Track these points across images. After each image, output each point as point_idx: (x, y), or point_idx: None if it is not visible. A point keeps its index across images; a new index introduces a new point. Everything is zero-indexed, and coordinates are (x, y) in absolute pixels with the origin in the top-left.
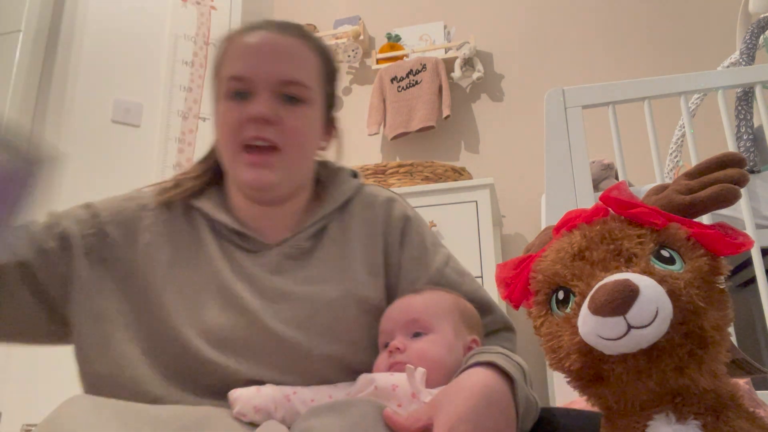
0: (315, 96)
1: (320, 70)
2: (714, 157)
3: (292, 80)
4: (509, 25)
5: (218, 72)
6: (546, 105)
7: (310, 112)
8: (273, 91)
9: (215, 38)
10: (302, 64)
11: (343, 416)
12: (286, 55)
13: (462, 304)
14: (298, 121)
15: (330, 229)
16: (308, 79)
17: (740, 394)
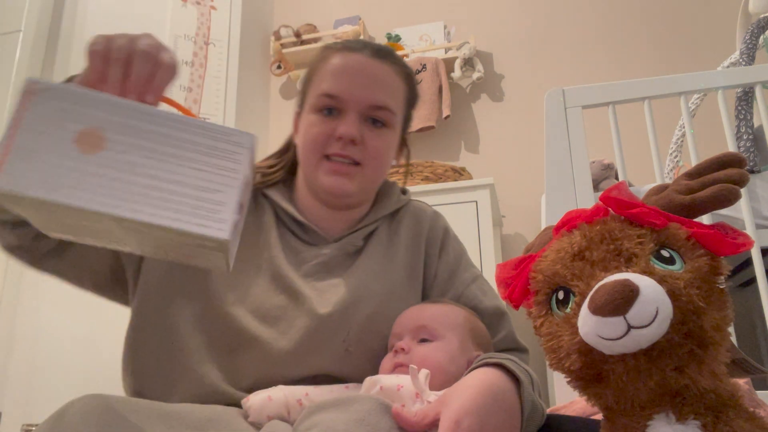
0: (397, 120)
1: (405, 96)
2: (714, 157)
3: (381, 106)
4: (509, 25)
5: (310, 83)
6: (546, 105)
7: (392, 135)
8: (361, 113)
9: (215, 38)
10: (391, 91)
11: (347, 411)
12: (379, 81)
13: (473, 321)
14: (381, 143)
15: (379, 232)
16: (395, 106)
17: (740, 394)
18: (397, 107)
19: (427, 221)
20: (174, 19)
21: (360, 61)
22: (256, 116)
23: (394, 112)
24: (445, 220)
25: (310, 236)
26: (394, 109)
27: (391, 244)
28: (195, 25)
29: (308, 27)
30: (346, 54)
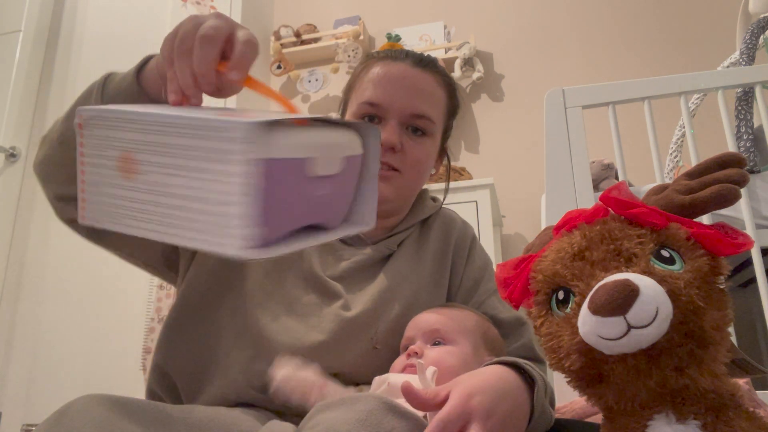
0: (437, 130)
1: (446, 105)
2: (714, 157)
3: (422, 114)
4: (509, 25)
5: (351, 91)
6: (546, 105)
7: (431, 144)
8: (401, 121)
9: None
10: (432, 101)
11: (349, 411)
12: (420, 90)
13: (486, 326)
14: (420, 152)
15: (410, 238)
16: (435, 115)
17: (740, 394)
18: (437, 117)
19: (456, 230)
20: (174, 19)
21: (401, 69)
22: None
23: (434, 122)
24: (472, 230)
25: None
26: (434, 118)
27: (420, 249)
28: None
29: (308, 27)
30: (388, 63)
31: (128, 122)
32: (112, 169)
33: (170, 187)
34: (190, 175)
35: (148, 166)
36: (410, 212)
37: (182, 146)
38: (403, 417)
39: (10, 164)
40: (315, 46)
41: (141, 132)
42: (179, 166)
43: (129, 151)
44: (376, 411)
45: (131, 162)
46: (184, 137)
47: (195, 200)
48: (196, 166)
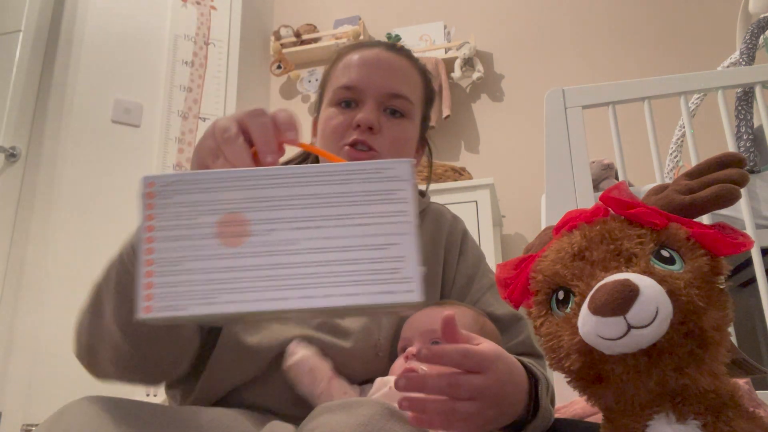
0: (416, 113)
1: (422, 90)
2: (714, 157)
3: (398, 94)
4: (509, 25)
5: (326, 83)
6: (546, 105)
7: (410, 126)
8: (379, 102)
9: (215, 38)
10: (409, 81)
11: (351, 415)
12: (395, 70)
13: (483, 321)
14: (399, 132)
15: None
16: (412, 96)
17: (740, 394)
18: (415, 98)
19: (446, 225)
20: (174, 19)
21: (375, 53)
22: None
23: (413, 102)
24: (463, 223)
25: None
26: (412, 99)
27: None
28: (195, 25)
29: (308, 27)
30: (361, 50)
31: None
32: (205, 238)
33: (299, 242)
34: (339, 223)
35: (264, 225)
36: None
37: (330, 194)
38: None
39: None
40: (315, 46)
41: (253, 189)
42: (321, 216)
43: (233, 214)
44: (377, 416)
45: (238, 224)
46: (333, 184)
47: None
48: (348, 212)
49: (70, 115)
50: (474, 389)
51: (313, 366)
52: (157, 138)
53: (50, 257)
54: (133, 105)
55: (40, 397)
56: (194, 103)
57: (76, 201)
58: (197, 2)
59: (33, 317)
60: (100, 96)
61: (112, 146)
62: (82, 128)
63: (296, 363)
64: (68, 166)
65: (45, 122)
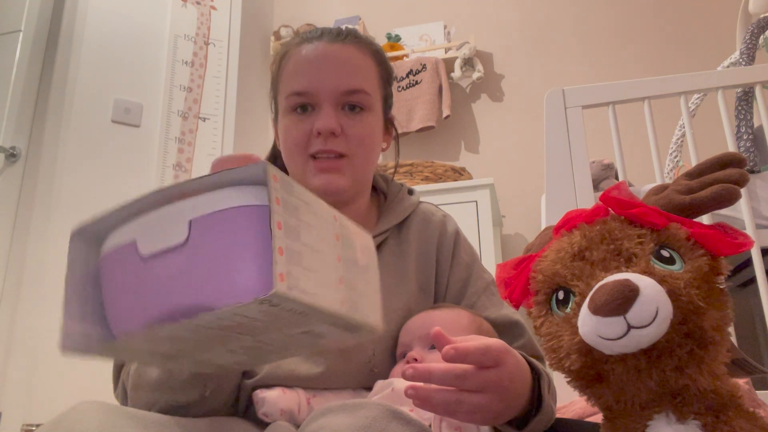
0: (375, 101)
1: (378, 73)
2: (714, 157)
3: (354, 89)
4: (509, 25)
5: (277, 87)
6: (546, 105)
7: (373, 118)
8: (336, 102)
9: (215, 38)
10: (362, 72)
11: (354, 417)
12: (346, 64)
13: (479, 322)
14: (363, 129)
15: (389, 243)
16: (369, 86)
17: (740, 394)
18: (371, 88)
19: (436, 227)
20: (174, 19)
21: (321, 49)
22: (256, 116)
23: (370, 93)
24: (454, 223)
25: None
26: (368, 90)
27: (402, 254)
28: (195, 25)
29: (308, 27)
30: (304, 46)
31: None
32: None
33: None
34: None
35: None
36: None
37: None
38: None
39: (10, 164)
40: None
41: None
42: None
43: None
44: (380, 418)
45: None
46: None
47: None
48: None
49: (70, 115)
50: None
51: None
52: (157, 138)
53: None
54: (133, 105)
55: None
56: (194, 103)
57: (76, 201)
58: (197, 2)
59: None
60: (100, 96)
61: (112, 146)
62: (82, 128)
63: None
64: (68, 166)
65: (45, 122)
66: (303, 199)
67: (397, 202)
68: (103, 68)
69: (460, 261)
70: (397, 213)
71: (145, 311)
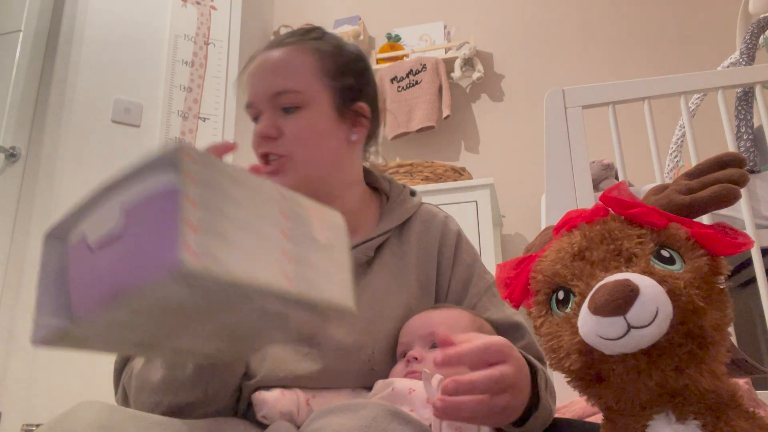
0: (313, 96)
1: (319, 67)
2: (714, 157)
3: (280, 91)
4: (509, 25)
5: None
6: (546, 105)
7: (311, 113)
8: (272, 107)
9: (215, 38)
10: (291, 71)
11: (354, 417)
12: (274, 68)
13: (480, 322)
14: (297, 126)
15: (390, 243)
16: (299, 84)
17: (740, 394)
18: (302, 84)
19: (438, 228)
20: (174, 19)
21: (260, 60)
22: None
23: (301, 90)
24: (456, 224)
25: None
26: (297, 87)
27: (402, 254)
28: (195, 25)
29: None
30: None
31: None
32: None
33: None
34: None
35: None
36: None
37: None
38: (408, 423)
39: (10, 164)
40: None
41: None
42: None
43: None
44: (380, 417)
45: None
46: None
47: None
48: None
49: (71, 115)
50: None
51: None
52: (157, 138)
53: None
54: (133, 105)
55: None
56: (194, 103)
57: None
58: (197, 2)
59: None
60: (100, 96)
61: (112, 146)
62: (82, 128)
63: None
64: (68, 166)
65: (45, 122)
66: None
67: (399, 203)
68: (103, 68)
69: (462, 261)
70: (399, 214)
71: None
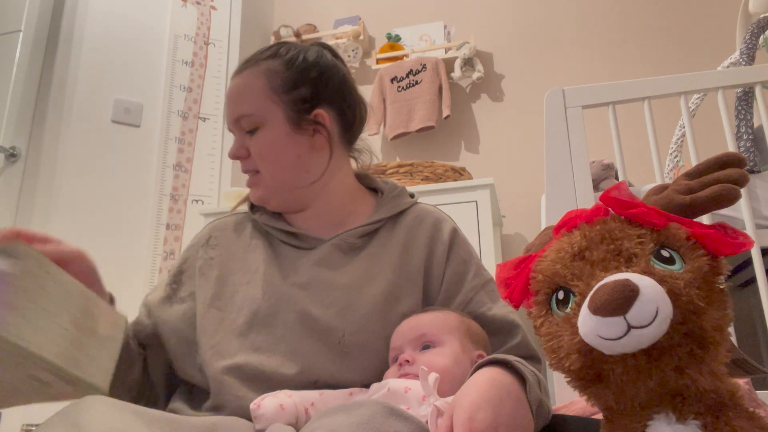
0: (266, 116)
1: (268, 87)
2: (714, 157)
3: (238, 117)
4: (509, 25)
5: None
6: (546, 105)
7: (267, 132)
8: (238, 130)
9: (215, 38)
10: (244, 97)
11: (352, 415)
12: (233, 97)
13: (468, 322)
14: (259, 145)
15: (380, 233)
16: (252, 107)
17: (740, 394)
18: (254, 107)
19: (430, 222)
20: (174, 19)
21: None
22: None
23: (252, 113)
24: (452, 222)
25: (306, 242)
26: (250, 111)
27: (388, 245)
28: (195, 25)
29: (308, 27)
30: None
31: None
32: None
33: None
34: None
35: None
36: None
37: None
38: (405, 420)
39: (10, 164)
40: None
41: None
42: None
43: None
44: (377, 414)
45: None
46: None
47: None
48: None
49: (70, 115)
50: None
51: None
52: (157, 138)
53: None
54: (133, 105)
55: None
56: (194, 103)
57: (76, 201)
58: (197, 2)
59: None
60: (100, 96)
61: (112, 146)
62: (82, 128)
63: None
64: (68, 166)
65: (45, 122)
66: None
67: (393, 197)
68: (103, 68)
69: (457, 256)
70: (392, 206)
71: None
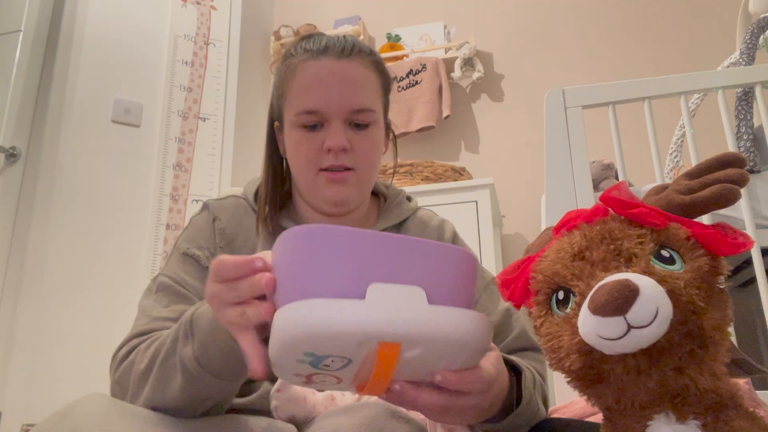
0: (379, 116)
1: (380, 86)
2: (714, 157)
3: (361, 108)
4: (509, 25)
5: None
6: (546, 105)
7: (377, 132)
8: (344, 120)
9: (215, 38)
10: (367, 89)
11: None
12: (353, 83)
13: None
14: (369, 144)
15: None
16: (373, 103)
17: (740, 394)
18: (375, 103)
19: (434, 229)
20: (174, 19)
21: (329, 66)
22: (256, 116)
23: (375, 110)
24: (452, 227)
25: None
26: (373, 106)
27: None
28: (195, 25)
29: (308, 27)
30: (312, 63)
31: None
32: None
33: None
34: None
35: None
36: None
37: None
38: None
39: (10, 164)
40: None
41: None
42: None
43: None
44: (379, 416)
45: None
46: None
47: None
48: None
49: (70, 115)
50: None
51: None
52: (157, 138)
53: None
54: (133, 105)
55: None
56: (194, 103)
57: (76, 201)
58: (197, 2)
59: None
60: (100, 96)
61: (112, 146)
62: (82, 128)
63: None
64: (68, 166)
65: (45, 122)
66: None
67: (396, 204)
68: (103, 68)
69: None
70: (396, 214)
71: None
